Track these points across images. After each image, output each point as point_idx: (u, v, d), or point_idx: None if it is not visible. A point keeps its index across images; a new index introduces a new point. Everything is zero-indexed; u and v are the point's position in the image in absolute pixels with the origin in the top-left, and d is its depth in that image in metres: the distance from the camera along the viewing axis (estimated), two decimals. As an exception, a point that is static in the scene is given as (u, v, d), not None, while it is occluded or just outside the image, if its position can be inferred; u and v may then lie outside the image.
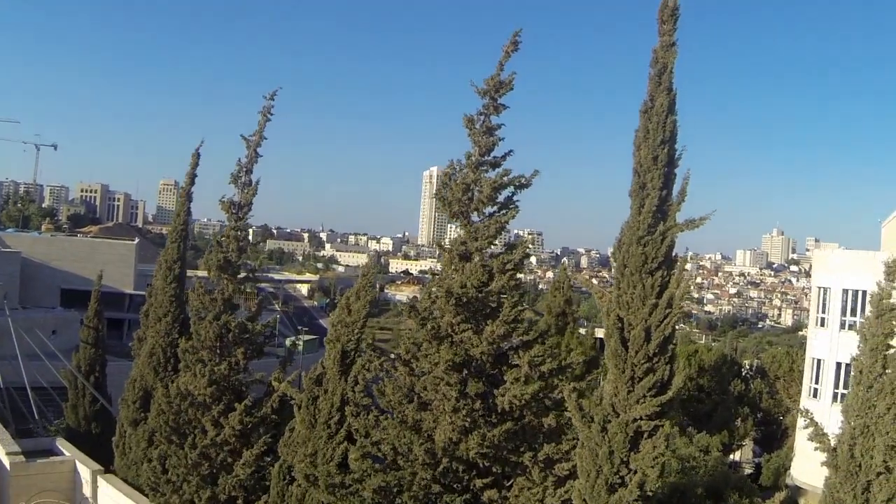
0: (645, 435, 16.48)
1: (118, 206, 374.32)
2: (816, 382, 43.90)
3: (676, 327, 16.85)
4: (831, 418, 42.32)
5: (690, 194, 17.20)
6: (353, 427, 21.25)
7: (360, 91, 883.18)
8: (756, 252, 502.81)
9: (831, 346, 42.82)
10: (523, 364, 18.94)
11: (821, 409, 43.25)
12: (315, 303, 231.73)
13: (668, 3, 17.35)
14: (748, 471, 68.22)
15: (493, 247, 20.85)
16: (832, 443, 14.32)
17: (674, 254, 16.98)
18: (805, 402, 45.55)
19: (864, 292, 40.94)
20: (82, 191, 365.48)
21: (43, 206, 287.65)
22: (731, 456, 66.81)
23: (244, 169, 27.72)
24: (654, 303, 16.46)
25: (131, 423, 30.89)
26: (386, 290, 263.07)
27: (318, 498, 20.71)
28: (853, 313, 41.54)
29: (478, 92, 20.59)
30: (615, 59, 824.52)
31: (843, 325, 42.07)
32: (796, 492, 44.46)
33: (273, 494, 23.90)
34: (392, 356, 21.53)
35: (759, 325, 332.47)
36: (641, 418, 16.36)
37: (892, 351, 15.10)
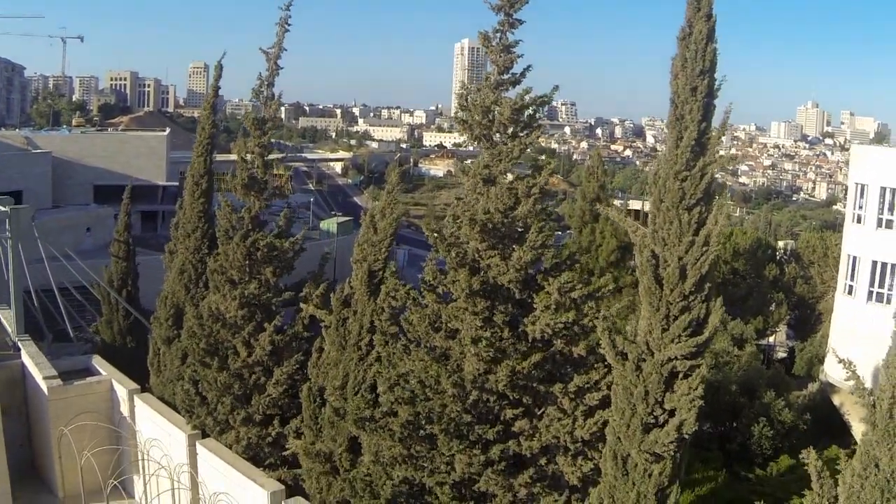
0: (680, 375, 16.13)
1: (149, 92, 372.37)
2: (852, 279, 43.09)
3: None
4: (866, 315, 42.10)
5: (723, 72, 16.43)
6: (381, 355, 21.08)
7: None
8: (791, 124, 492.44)
9: (867, 243, 41.92)
10: (553, 291, 18.39)
11: (856, 306, 42.73)
12: (349, 180, 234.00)
13: None
14: (781, 354, 68.44)
15: (518, 167, 20.16)
16: (871, 400, 13.75)
17: (712, 189, 16.31)
18: (840, 298, 44.87)
19: (904, 191, 40.07)
20: (112, 79, 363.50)
21: (73, 98, 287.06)
22: (765, 340, 66.76)
23: (265, 83, 26.94)
24: (690, 240, 15.90)
25: (165, 342, 30.88)
26: (420, 165, 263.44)
27: (349, 427, 20.72)
28: (891, 211, 40.61)
29: (492, 8, 19.60)
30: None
31: (879, 223, 41.11)
32: (829, 388, 44.27)
33: (305, 417, 23.96)
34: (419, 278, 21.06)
35: (794, 199, 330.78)
36: (677, 358, 15.98)
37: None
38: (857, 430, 40.20)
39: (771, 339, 70.50)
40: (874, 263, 41.52)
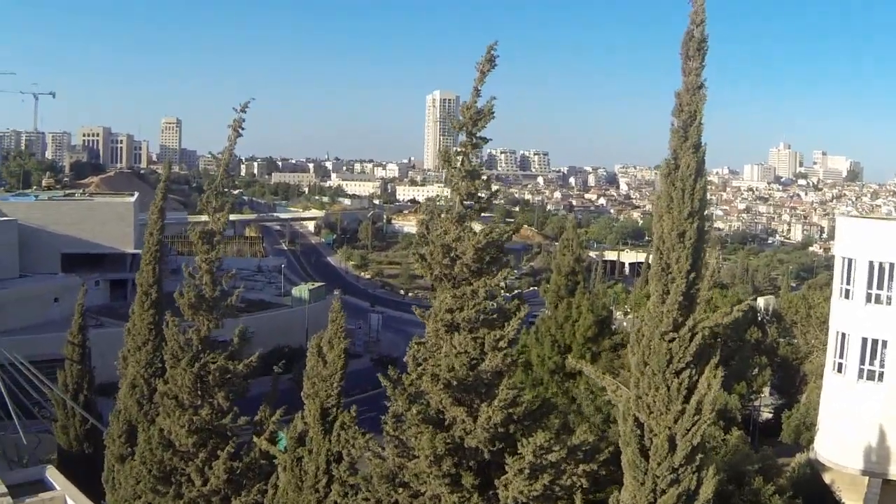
0: (671, 554, 14.25)
1: (121, 148, 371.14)
2: (841, 357, 41.45)
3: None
4: (856, 394, 40.48)
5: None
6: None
7: (360, 15, 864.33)
8: (764, 167, 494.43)
9: (856, 319, 40.32)
10: (527, 454, 16.34)
11: (846, 384, 41.14)
12: (322, 239, 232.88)
13: (693, 34, 14.29)
14: (766, 415, 66.86)
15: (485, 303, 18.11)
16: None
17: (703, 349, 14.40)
18: (829, 375, 43.25)
19: (892, 265, 38.44)
20: (84, 136, 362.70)
21: (46, 155, 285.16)
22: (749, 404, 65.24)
23: (215, 191, 25.25)
24: (680, 408, 13.98)
25: (118, 459, 28.88)
26: (393, 221, 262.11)
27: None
28: (880, 286, 39.04)
29: (454, 126, 17.94)
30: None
31: (868, 298, 39.53)
32: (819, 465, 42.64)
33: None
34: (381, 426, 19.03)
35: (770, 242, 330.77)
36: (666, 537, 14.11)
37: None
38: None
39: (756, 402, 69.06)
40: (864, 340, 39.93)
